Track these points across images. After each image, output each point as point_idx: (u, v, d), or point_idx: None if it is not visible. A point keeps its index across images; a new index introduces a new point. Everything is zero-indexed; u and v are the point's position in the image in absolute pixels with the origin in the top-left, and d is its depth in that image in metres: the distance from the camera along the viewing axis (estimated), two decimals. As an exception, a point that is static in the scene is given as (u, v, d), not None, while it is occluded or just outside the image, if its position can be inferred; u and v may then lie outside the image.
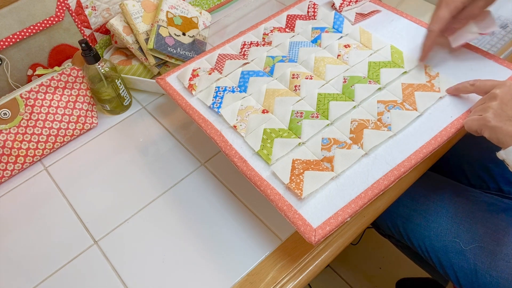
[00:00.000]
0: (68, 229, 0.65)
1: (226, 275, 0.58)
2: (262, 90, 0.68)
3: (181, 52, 0.82)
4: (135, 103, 0.84)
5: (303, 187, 0.54)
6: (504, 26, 0.85)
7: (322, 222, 0.52)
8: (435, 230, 0.72)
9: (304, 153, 0.59)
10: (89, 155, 0.76)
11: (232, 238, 0.61)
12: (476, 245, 0.67)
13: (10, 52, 0.74)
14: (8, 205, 0.70)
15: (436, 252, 0.72)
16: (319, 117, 0.63)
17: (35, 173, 0.74)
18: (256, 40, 0.78)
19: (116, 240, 0.63)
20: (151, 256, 0.61)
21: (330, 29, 0.77)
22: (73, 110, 0.76)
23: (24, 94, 0.71)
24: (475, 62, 0.67)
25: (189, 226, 0.63)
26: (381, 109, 0.62)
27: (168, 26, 0.82)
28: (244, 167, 0.59)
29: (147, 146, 0.76)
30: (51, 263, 0.62)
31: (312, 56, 0.72)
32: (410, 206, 0.76)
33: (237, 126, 0.63)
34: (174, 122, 0.79)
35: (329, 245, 0.59)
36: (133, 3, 0.81)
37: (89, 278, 0.60)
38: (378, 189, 0.54)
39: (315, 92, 0.66)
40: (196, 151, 0.73)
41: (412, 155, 0.56)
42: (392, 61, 0.69)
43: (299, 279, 0.56)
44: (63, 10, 0.76)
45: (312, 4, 0.83)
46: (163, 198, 0.67)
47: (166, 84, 0.73)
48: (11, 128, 0.70)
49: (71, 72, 0.75)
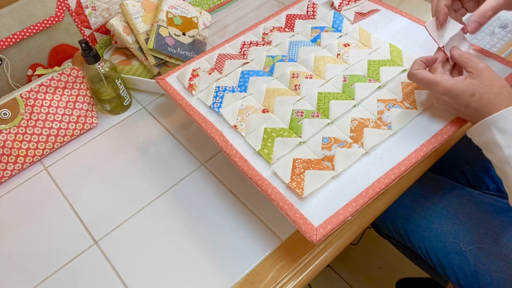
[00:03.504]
0: (68, 229, 0.65)
1: (226, 275, 0.57)
2: (262, 89, 0.68)
3: (181, 52, 0.82)
4: (135, 103, 0.84)
5: (304, 186, 0.54)
6: (504, 26, 0.85)
7: (323, 221, 0.52)
8: (435, 231, 0.71)
9: (304, 152, 0.59)
10: (89, 155, 0.76)
11: (232, 238, 0.61)
12: (476, 246, 0.67)
13: (10, 52, 0.74)
14: (8, 205, 0.70)
15: (436, 253, 0.71)
16: (320, 116, 0.63)
17: (35, 173, 0.74)
18: (255, 39, 0.79)
19: (116, 240, 0.63)
20: (151, 256, 0.61)
21: (330, 28, 0.77)
22: (73, 110, 0.76)
23: (24, 94, 0.71)
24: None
25: (189, 226, 0.63)
26: (381, 108, 0.62)
27: (168, 26, 0.82)
28: (245, 167, 0.59)
29: (147, 146, 0.76)
30: (51, 263, 0.62)
31: (312, 55, 0.72)
32: (410, 207, 0.76)
33: (237, 126, 0.63)
34: (174, 122, 0.79)
35: (329, 245, 0.59)
36: (133, 3, 0.81)
37: (89, 278, 0.60)
38: (378, 187, 0.54)
39: (315, 91, 0.66)
40: (196, 151, 0.73)
41: (412, 153, 0.56)
42: (391, 60, 0.69)
43: (299, 279, 0.56)
44: (63, 10, 0.76)
45: (312, 3, 0.83)
46: (163, 198, 0.67)
47: (166, 84, 0.73)
48: (11, 128, 0.70)
49: (71, 72, 0.75)
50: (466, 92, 0.52)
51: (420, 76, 0.56)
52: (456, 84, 0.53)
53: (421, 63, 0.57)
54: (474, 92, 0.52)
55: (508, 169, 0.50)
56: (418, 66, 0.57)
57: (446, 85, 0.53)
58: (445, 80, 0.54)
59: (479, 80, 0.52)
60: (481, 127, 0.52)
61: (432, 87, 0.55)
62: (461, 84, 0.53)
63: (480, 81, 0.52)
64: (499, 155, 0.50)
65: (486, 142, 0.52)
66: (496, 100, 0.51)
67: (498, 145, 0.50)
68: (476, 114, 0.53)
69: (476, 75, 0.53)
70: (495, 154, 0.51)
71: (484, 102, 0.51)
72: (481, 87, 0.52)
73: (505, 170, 0.50)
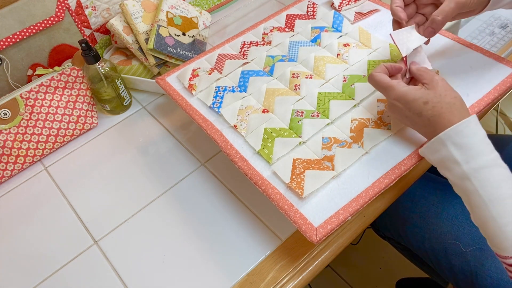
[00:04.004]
0: (68, 229, 0.65)
1: (226, 275, 0.57)
2: (262, 89, 0.68)
3: (181, 52, 0.82)
4: (135, 103, 0.84)
5: (304, 186, 0.54)
6: (504, 26, 0.85)
7: (323, 221, 0.52)
8: (435, 232, 0.71)
9: (304, 152, 0.59)
10: (89, 155, 0.76)
11: (232, 238, 0.61)
12: (476, 247, 0.66)
13: (10, 52, 0.74)
14: (8, 205, 0.70)
15: (436, 254, 0.71)
16: (320, 116, 0.63)
17: (35, 173, 0.74)
18: (255, 39, 0.79)
19: (116, 240, 0.63)
20: (151, 256, 0.61)
21: (330, 28, 0.77)
22: (73, 110, 0.76)
23: (24, 94, 0.71)
24: (475, 61, 0.67)
25: (189, 226, 0.63)
26: (381, 108, 0.62)
27: (168, 26, 0.82)
28: (245, 167, 0.59)
29: (147, 146, 0.76)
30: (51, 263, 0.62)
31: (312, 55, 0.72)
32: (409, 208, 0.76)
33: (237, 126, 0.63)
34: (174, 122, 0.79)
35: (329, 245, 0.59)
36: (133, 3, 0.81)
37: (89, 278, 0.59)
38: (379, 187, 0.54)
39: (315, 91, 0.66)
40: (196, 151, 0.73)
41: (412, 153, 0.56)
42: (391, 60, 0.69)
43: (299, 279, 0.56)
44: (63, 10, 0.76)
45: (312, 3, 0.83)
46: (163, 198, 0.67)
47: (166, 84, 0.73)
48: (11, 128, 0.70)
49: (71, 72, 0.75)
50: (420, 99, 0.51)
51: (377, 78, 0.55)
52: (410, 90, 0.52)
53: (384, 68, 0.57)
54: (427, 100, 0.51)
55: (468, 185, 0.48)
56: (380, 69, 0.56)
57: (400, 90, 0.53)
58: (400, 86, 0.53)
59: (433, 90, 0.52)
60: (435, 144, 0.50)
61: (386, 90, 0.54)
62: (415, 91, 0.52)
63: (434, 91, 0.51)
64: (457, 172, 0.49)
65: (441, 159, 0.51)
66: (449, 110, 0.50)
67: (455, 161, 0.49)
68: (428, 124, 0.51)
69: (430, 85, 0.52)
70: (453, 171, 0.49)
71: (437, 111, 0.50)
72: (435, 96, 0.51)
73: (465, 186, 0.49)
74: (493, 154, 0.49)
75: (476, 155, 0.48)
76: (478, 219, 0.49)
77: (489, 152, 0.48)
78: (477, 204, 0.48)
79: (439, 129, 0.50)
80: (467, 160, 0.48)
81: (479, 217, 0.49)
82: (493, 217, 0.47)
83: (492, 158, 0.48)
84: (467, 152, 0.48)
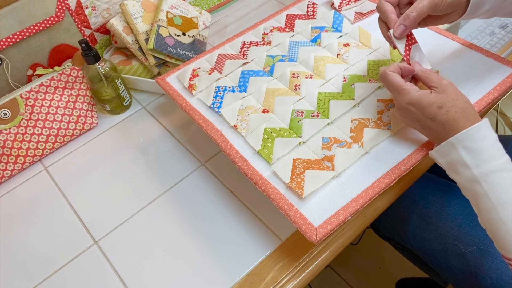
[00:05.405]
0: (68, 229, 0.65)
1: (226, 275, 0.57)
2: (262, 89, 0.68)
3: (181, 52, 0.82)
4: (135, 103, 0.84)
5: (304, 186, 0.54)
6: (504, 26, 0.85)
7: (324, 221, 0.52)
8: (435, 232, 0.71)
9: (304, 152, 0.59)
10: (89, 155, 0.76)
11: (232, 238, 0.61)
12: (476, 248, 0.66)
13: (10, 52, 0.74)
14: (8, 205, 0.70)
15: (435, 254, 0.71)
16: (320, 116, 0.63)
17: (35, 173, 0.74)
18: (255, 39, 0.79)
19: (116, 240, 0.63)
20: (151, 256, 0.61)
21: (330, 28, 0.77)
22: (73, 110, 0.76)
23: (24, 94, 0.71)
24: (474, 60, 0.67)
25: (189, 226, 0.63)
26: (381, 108, 0.62)
27: (168, 26, 0.82)
28: (245, 167, 0.59)
29: (147, 146, 0.76)
30: (51, 263, 0.62)
31: (312, 55, 0.72)
32: (409, 209, 0.76)
33: (237, 126, 0.63)
34: (174, 122, 0.79)
35: (329, 245, 0.59)
36: (133, 3, 0.81)
37: (89, 278, 0.60)
38: (379, 187, 0.54)
39: (315, 91, 0.66)
40: (196, 151, 0.73)
41: (412, 153, 0.56)
42: (391, 60, 0.69)
43: (299, 279, 0.56)
44: (63, 10, 0.76)
45: (312, 3, 0.83)
46: (163, 198, 0.67)
47: (166, 84, 0.73)
48: (11, 128, 0.70)
49: (71, 72, 0.75)
50: (434, 104, 0.51)
51: (392, 79, 0.54)
52: (424, 95, 0.52)
53: (398, 68, 0.56)
54: (441, 104, 0.51)
55: (478, 189, 0.48)
56: (394, 69, 0.55)
57: (415, 95, 0.52)
58: (413, 90, 0.53)
59: (445, 94, 0.51)
60: (445, 147, 0.50)
61: (400, 93, 0.54)
62: (429, 96, 0.52)
63: (446, 95, 0.51)
64: (467, 175, 0.49)
65: (451, 162, 0.51)
66: (463, 114, 0.50)
67: (465, 165, 0.49)
68: (442, 128, 0.51)
69: (440, 89, 0.52)
70: (462, 174, 0.50)
71: (451, 116, 0.50)
72: (448, 100, 0.51)
73: (474, 190, 0.49)
74: (504, 158, 0.48)
75: (487, 159, 0.48)
76: (486, 222, 0.49)
77: (499, 156, 0.48)
78: (486, 208, 0.48)
79: (453, 133, 0.50)
80: (477, 164, 0.48)
81: (487, 220, 0.49)
82: (502, 220, 0.47)
83: (503, 162, 0.48)
84: (477, 156, 0.48)
